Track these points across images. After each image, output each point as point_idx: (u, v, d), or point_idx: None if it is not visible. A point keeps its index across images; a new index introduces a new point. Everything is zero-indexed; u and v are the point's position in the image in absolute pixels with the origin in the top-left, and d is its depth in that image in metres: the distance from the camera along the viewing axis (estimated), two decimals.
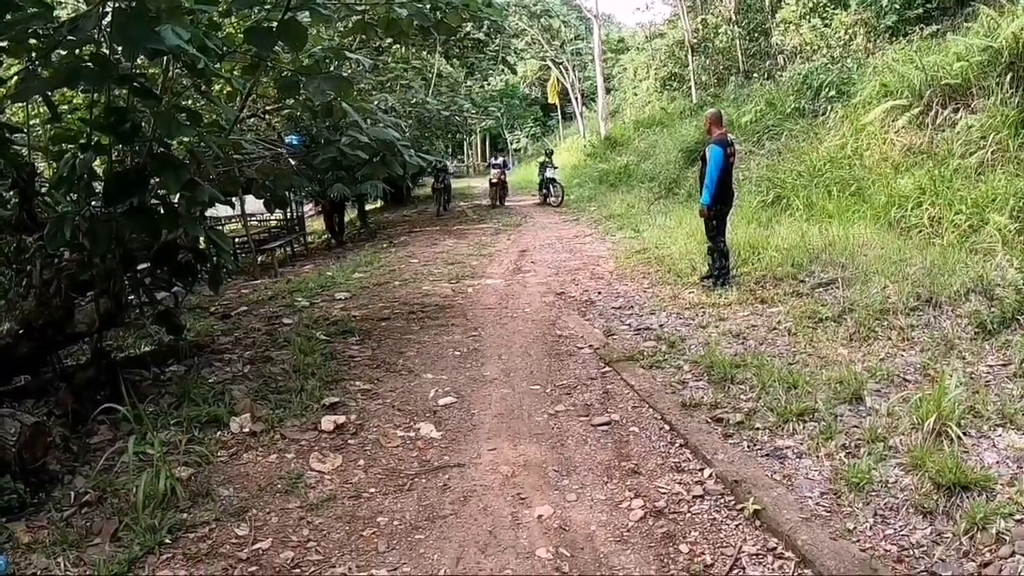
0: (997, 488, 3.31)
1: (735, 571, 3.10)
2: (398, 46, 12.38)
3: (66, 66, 3.64)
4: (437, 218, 17.88)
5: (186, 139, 4.58)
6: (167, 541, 3.35)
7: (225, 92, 5.97)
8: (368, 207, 19.88)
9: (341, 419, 4.72)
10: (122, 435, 4.33)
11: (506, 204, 21.16)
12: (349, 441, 4.51)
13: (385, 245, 13.70)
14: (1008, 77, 8.63)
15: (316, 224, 18.17)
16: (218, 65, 4.63)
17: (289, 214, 14.52)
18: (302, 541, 3.41)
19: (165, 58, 4.40)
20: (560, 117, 41.27)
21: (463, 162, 47.96)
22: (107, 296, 4.81)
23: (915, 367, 4.82)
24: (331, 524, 3.56)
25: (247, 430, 4.49)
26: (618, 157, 21.96)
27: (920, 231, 7.73)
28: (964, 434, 3.76)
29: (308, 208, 17.43)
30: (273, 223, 14.56)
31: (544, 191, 20.34)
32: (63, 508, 3.63)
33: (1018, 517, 3.09)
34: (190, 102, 6.03)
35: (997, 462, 3.55)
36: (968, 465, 3.47)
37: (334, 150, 5.68)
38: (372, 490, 3.91)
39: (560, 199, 19.30)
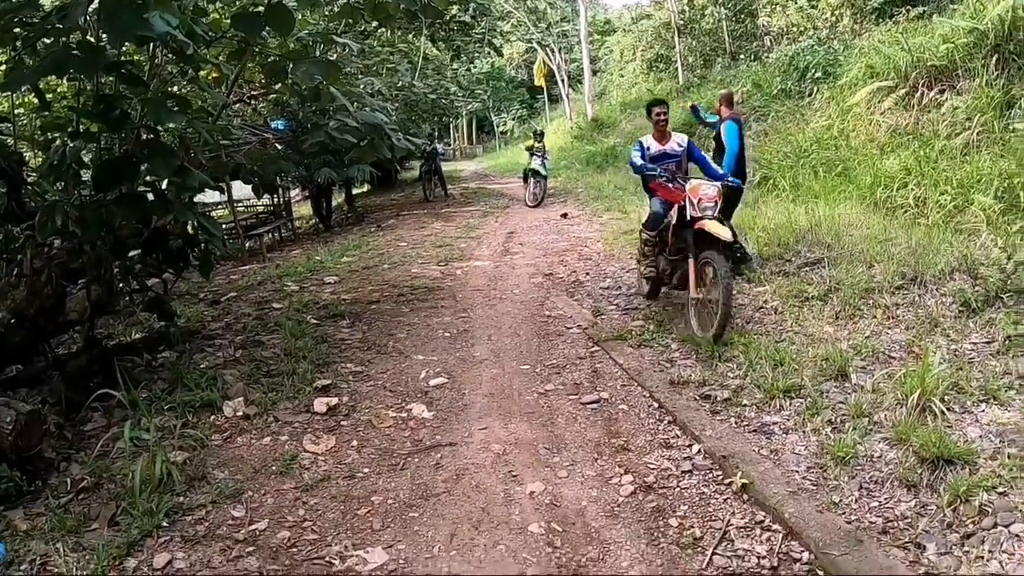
0: (980, 462, 3.38)
1: (723, 543, 3.18)
2: (384, 30, 12.31)
3: (55, 54, 3.64)
4: (426, 202, 17.79)
5: (175, 125, 4.57)
6: (164, 524, 3.39)
7: (211, 78, 5.95)
8: (355, 191, 19.75)
9: (333, 401, 4.77)
10: (116, 421, 4.36)
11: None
12: (342, 422, 4.57)
13: (373, 229, 13.68)
14: (994, 59, 8.70)
15: (303, 209, 18.09)
16: (205, 51, 4.63)
17: (276, 199, 14.46)
18: (298, 521, 3.47)
19: (152, 45, 4.39)
20: (547, 99, 41.12)
21: (449, 145, 47.81)
22: (98, 283, 4.82)
23: (900, 344, 4.89)
24: (326, 504, 3.62)
25: (240, 413, 4.53)
26: (605, 139, 21.99)
27: (905, 211, 7.81)
28: (948, 409, 3.83)
29: (295, 193, 17.34)
30: (260, 208, 14.50)
31: (529, 182, 15.80)
32: (60, 495, 3.66)
33: (1001, 490, 3.16)
34: (176, 88, 6.01)
35: (980, 436, 3.62)
36: (952, 439, 3.53)
37: (322, 134, 5.69)
38: (366, 470, 3.97)
39: (540, 198, 15.18)
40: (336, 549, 3.23)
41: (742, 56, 19.36)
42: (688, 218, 5.68)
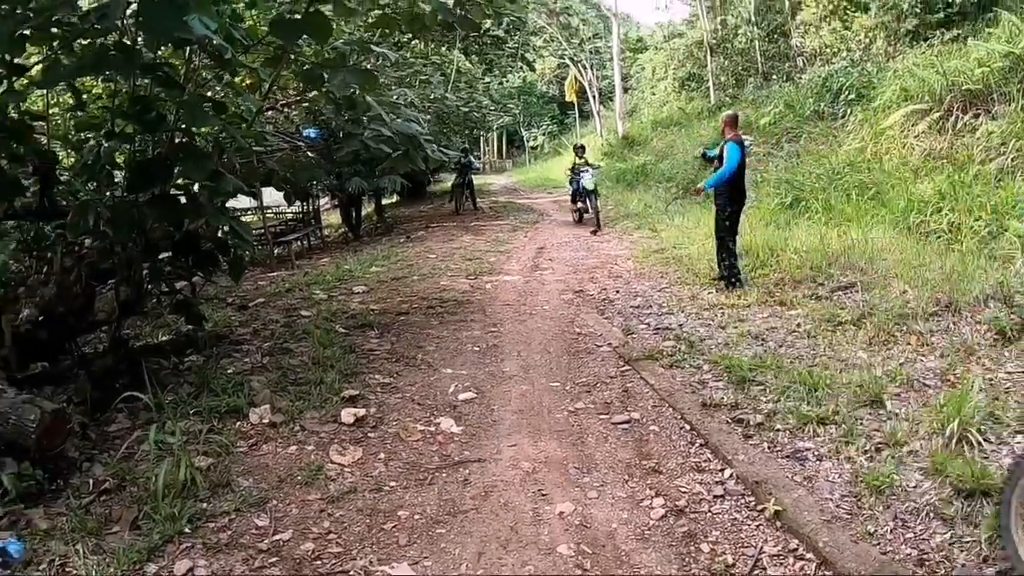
0: None
1: (756, 571, 3.09)
2: (417, 41, 12.37)
3: (93, 54, 3.64)
4: (456, 215, 17.79)
5: (211, 129, 4.57)
6: (187, 530, 3.35)
7: (246, 84, 5.98)
8: (384, 201, 19.82)
9: (361, 412, 4.73)
10: (141, 424, 4.35)
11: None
12: (369, 434, 4.51)
13: (402, 240, 13.71)
14: None
15: (332, 218, 18.18)
16: (242, 56, 4.63)
17: (305, 207, 14.55)
18: (323, 533, 3.41)
19: (188, 48, 4.40)
20: (577, 115, 41.17)
21: (479, 158, 48.07)
22: (127, 284, 4.83)
23: (934, 372, 4.77)
24: (352, 517, 3.56)
25: (267, 421, 4.50)
26: (635, 156, 21.89)
27: (939, 236, 7.68)
28: (984, 440, 3.72)
29: (324, 201, 17.45)
30: (289, 216, 14.58)
31: (580, 204, 14.37)
32: (82, 495, 3.64)
33: None
34: (210, 94, 6.03)
35: None
36: (988, 471, 3.42)
37: (357, 143, 5.68)
38: (392, 484, 3.91)
39: (597, 221, 13.42)
40: (361, 563, 3.16)
41: (774, 76, 19.26)
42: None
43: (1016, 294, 5.43)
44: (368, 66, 6.36)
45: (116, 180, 4.81)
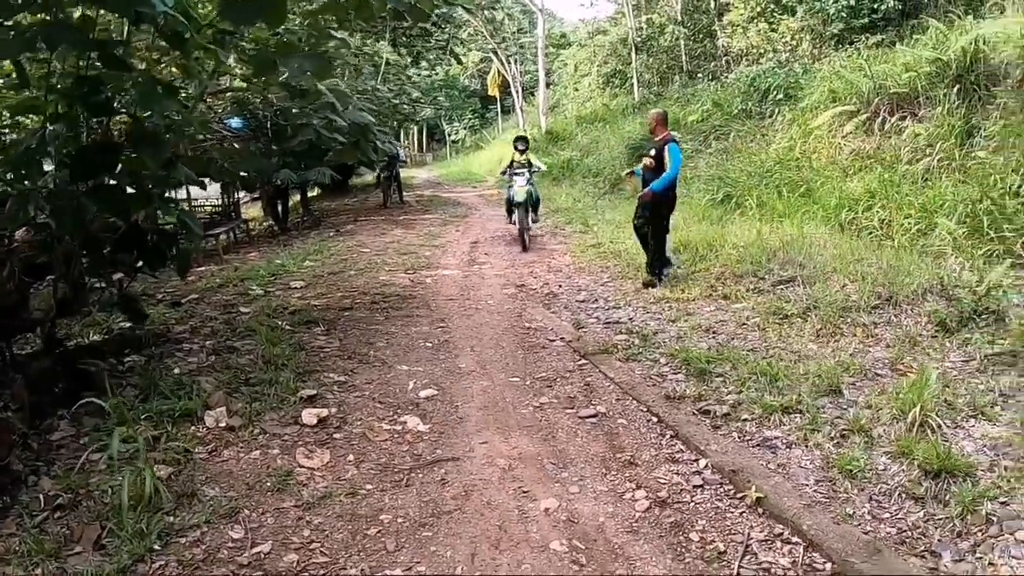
0: (979, 474, 3.46)
1: (747, 557, 3.13)
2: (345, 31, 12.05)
3: (43, 28, 3.33)
4: (383, 208, 17.43)
5: (165, 113, 4.26)
6: (157, 547, 3.11)
7: (175, 70, 5.62)
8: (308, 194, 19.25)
9: (323, 412, 4.54)
10: (86, 431, 4.05)
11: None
12: (334, 435, 4.34)
13: (332, 234, 13.31)
14: (955, 89, 9.04)
15: (252, 211, 17.52)
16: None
17: (225, 199, 13.96)
18: (304, 543, 3.24)
19: (141, 27, 4.10)
20: (499, 110, 41.09)
21: (405, 151, 47.38)
22: (65, 280, 4.47)
23: (883, 362, 4.96)
24: (332, 524, 3.40)
25: (224, 424, 4.25)
26: (560, 151, 21.98)
27: (871, 233, 8.00)
28: (941, 424, 3.89)
29: (243, 194, 16.78)
30: (208, 208, 13.96)
31: (516, 213, 10.94)
32: (33, 513, 3.33)
33: (1002, 500, 3.25)
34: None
35: (976, 450, 3.70)
36: (953, 453, 3.59)
37: (312, 132, 5.45)
38: (369, 486, 3.76)
39: (522, 240, 10.80)
40: (352, 573, 3.02)
41: (699, 75, 19.70)
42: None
43: (956, 287, 5.69)
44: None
45: (45, 170, 4.43)
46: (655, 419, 4.57)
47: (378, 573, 3.01)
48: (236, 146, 7.56)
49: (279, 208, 14.87)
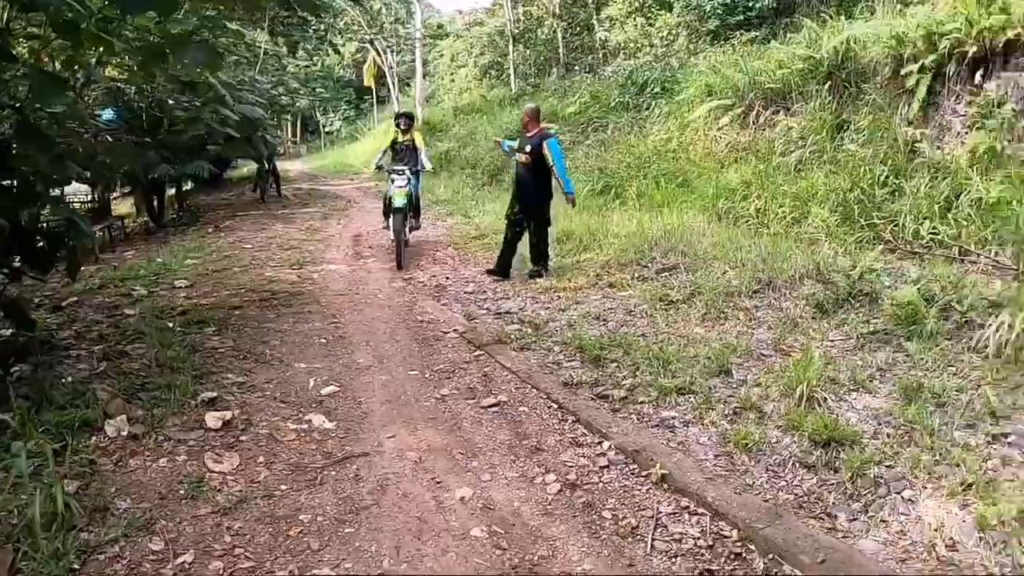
0: (865, 441, 3.82)
1: (659, 530, 3.34)
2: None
3: None
4: (261, 202, 16.88)
5: (59, 106, 4.01)
6: (76, 567, 2.97)
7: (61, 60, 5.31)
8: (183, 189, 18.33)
9: (227, 415, 4.43)
10: None
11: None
12: (241, 438, 4.25)
13: (211, 230, 12.78)
14: (827, 86, 9.69)
15: (122, 207, 16.55)
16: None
17: (94, 196, 13.13)
18: (227, 549, 3.18)
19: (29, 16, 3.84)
20: (375, 100, 40.43)
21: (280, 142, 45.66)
22: None
23: (767, 343, 5.34)
24: (252, 527, 3.35)
25: (126, 433, 4.08)
26: (438, 142, 21.97)
27: (748, 221, 8.52)
28: (826, 398, 4.28)
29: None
30: (77, 204, 13.09)
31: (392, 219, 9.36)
32: None
33: (887, 464, 3.62)
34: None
35: (859, 420, 4.08)
36: (839, 423, 3.96)
37: (202, 126, 5.26)
38: (283, 487, 3.73)
39: (399, 256, 9.12)
40: (281, 575, 3.01)
41: (577, 67, 20.15)
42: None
43: (832, 272, 6.13)
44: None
45: None
46: (555, 405, 4.74)
47: (307, 573, 3.02)
48: (109, 139, 7.14)
49: (155, 204, 14.14)
